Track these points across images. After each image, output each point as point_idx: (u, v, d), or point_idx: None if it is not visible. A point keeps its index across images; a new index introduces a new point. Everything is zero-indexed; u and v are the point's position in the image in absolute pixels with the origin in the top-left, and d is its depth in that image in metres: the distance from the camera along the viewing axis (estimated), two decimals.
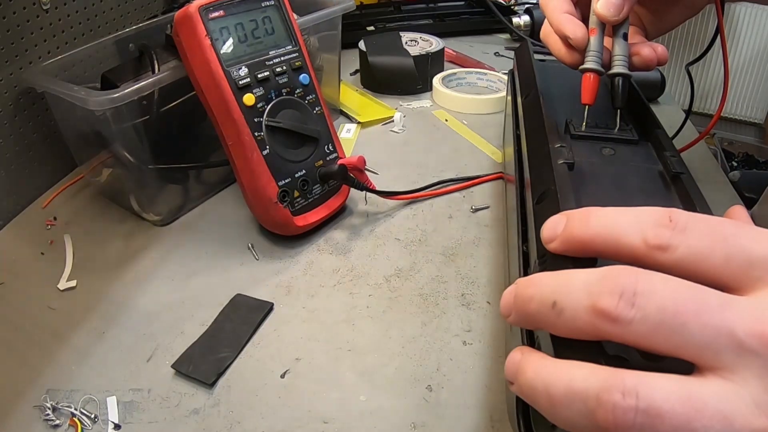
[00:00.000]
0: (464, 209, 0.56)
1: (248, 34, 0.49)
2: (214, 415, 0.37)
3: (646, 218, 0.22)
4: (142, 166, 0.52)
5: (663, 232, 0.21)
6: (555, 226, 0.25)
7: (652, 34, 0.46)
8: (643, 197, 0.33)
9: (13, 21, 0.53)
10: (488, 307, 0.45)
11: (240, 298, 0.46)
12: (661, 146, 0.37)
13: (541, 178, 0.35)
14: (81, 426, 0.36)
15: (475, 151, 0.66)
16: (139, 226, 0.55)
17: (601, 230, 0.23)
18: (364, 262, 0.50)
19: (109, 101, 0.46)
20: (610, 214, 0.23)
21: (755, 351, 0.19)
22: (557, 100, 0.45)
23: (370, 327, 0.43)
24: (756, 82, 2.17)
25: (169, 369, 0.40)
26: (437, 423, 0.36)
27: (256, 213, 0.52)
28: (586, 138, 0.39)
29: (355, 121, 0.73)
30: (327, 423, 0.36)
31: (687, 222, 0.21)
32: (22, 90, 0.55)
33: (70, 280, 0.48)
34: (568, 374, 0.21)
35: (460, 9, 1.01)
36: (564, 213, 0.25)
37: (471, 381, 0.39)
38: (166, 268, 0.50)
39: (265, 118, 0.48)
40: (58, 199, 0.59)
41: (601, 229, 0.23)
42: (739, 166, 1.99)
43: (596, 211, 0.24)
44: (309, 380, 0.39)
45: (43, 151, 0.59)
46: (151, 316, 0.45)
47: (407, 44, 0.83)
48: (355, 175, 0.52)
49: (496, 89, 0.80)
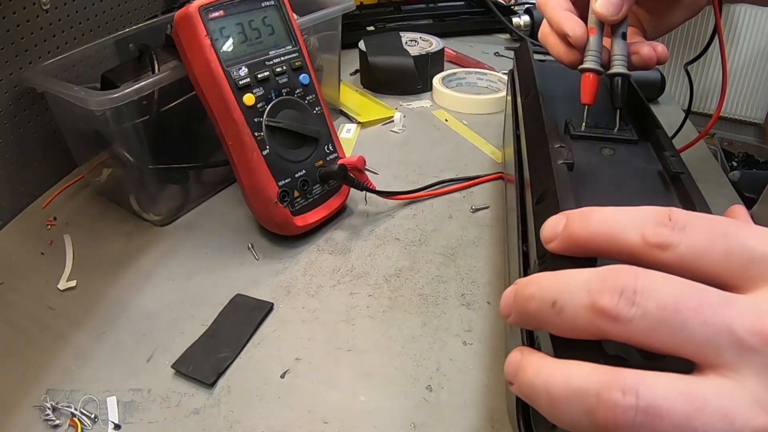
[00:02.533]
0: (464, 209, 0.56)
1: (248, 34, 0.49)
2: (214, 415, 0.37)
3: (645, 217, 0.22)
4: (142, 166, 0.52)
5: (662, 230, 0.21)
6: (555, 226, 0.25)
7: (651, 34, 0.46)
8: (642, 197, 0.33)
9: (13, 21, 0.53)
10: (488, 307, 0.45)
11: (240, 298, 0.46)
12: (661, 146, 0.37)
13: (540, 178, 0.35)
14: (81, 426, 0.36)
15: (475, 151, 0.66)
16: (139, 226, 0.55)
17: (601, 229, 0.23)
18: (364, 262, 0.50)
19: (109, 101, 0.46)
20: (609, 213, 0.23)
21: (755, 349, 0.19)
22: (557, 100, 0.45)
23: (370, 327, 0.43)
24: (756, 82, 2.17)
25: (169, 369, 0.40)
26: (437, 423, 0.36)
27: (256, 213, 0.52)
28: (586, 138, 0.39)
29: (355, 121, 0.73)
30: (327, 423, 0.36)
31: (686, 220, 0.21)
32: (22, 90, 0.55)
33: (70, 280, 0.48)
34: (568, 373, 0.21)
35: (460, 9, 1.01)
36: (564, 213, 0.25)
37: (471, 381, 0.39)
38: (166, 268, 0.50)
39: (265, 118, 0.48)
40: (58, 199, 0.59)
41: (600, 228, 0.23)
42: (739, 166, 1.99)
43: (596, 210, 0.24)
44: (309, 380, 0.39)
45: (43, 151, 0.59)
46: (151, 316, 0.45)
47: (407, 44, 0.83)
48: (355, 175, 0.52)
49: (496, 89, 0.80)
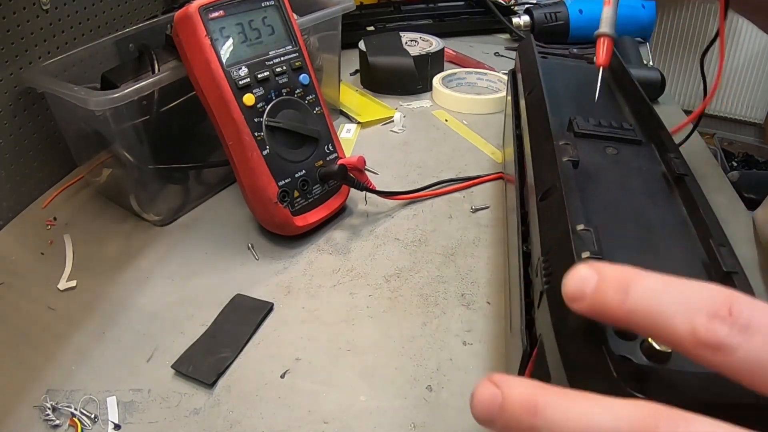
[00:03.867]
0: (464, 209, 0.56)
1: (248, 34, 0.49)
2: (214, 415, 0.37)
3: (699, 302, 0.18)
4: (142, 166, 0.52)
5: (719, 327, 0.17)
6: (582, 283, 0.20)
7: None
8: (646, 197, 0.33)
9: (13, 21, 0.53)
10: (488, 307, 0.45)
11: (240, 298, 0.46)
12: (665, 147, 0.37)
13: (545, 175, 0.35)
14: (81, 426, 0.36)
15: (475, 151, 0.66)
16: (139, 226, 0.55)
17: (642, 308, 0.19)
18: (364, 262, 0.50)
19: (109, 101, 0.46)
20: (654, 288, 0.19)
21: None
22: (560, 97, 0.45)
23: (370, 327, 0.43)
24: (756, 82, 2.17)
25: (169, 369, 0.40)
26: (437, 423, 0.36)
27: (256, 213, 0.52)
28: (590, 136, 0.39)
29: (355, 121, 0.73)
30: (327, 423, 0.36)
31: (751, 316, 0.17)
32: (22, 90, 0.55)
33: (70, 280, 0.48)
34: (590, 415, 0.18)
35: (460, 9, 1.01)
36: (595, 267, 0.20)
37: (471, 381, 0.39)
38: (166, 268, 0.50)
39: (265, 118, 0.48)
40: (58, 199, 0.59)
41: (641, 306, 0.19)
42: (739, 166, 1.99)
43: (637, 280, 0.19)
44: (309, 380, 0.39)
45: (43, 151, 0.59)
46: (151, 316, 0.45)
47: (407, 44, 0.83)
48: (355, 175, 0.52)
49: (496, 89, 0.80)
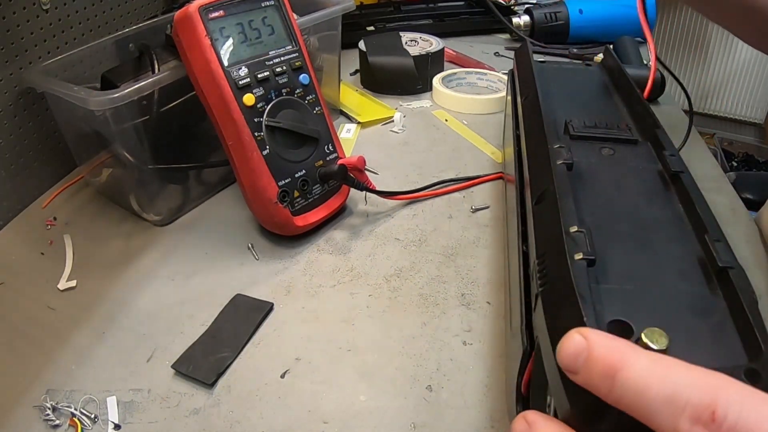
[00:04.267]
0: (464, 209, 0.56)
1: (248, 34, 0.49)
2: (214, 415, 0.37)
3: (683, 400, 0.18)
4: (142, 166, 0.52)
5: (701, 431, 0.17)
6: (575, 357, 0.20)
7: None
8: (642, 196, 0.33)
9: (13, 21, 0.53)
10: (488, 307, 0.45)
11: (240, 298, 0.46)
12: (661, 145, 0.37)
13: (539, 178, 0.35)
14: (81, 426, 0.36)
15: (475, 151, 0.66)
16: (139, 226, 0.55)
17: (628, 400, 0.19)
18: (364, 262, 0.50)
19: (109, 101, 0.46)
20: (639, 378, 0.19)
21: None
22: (556, 100, 0.45)
23: (370, 327, 0.43)
24: (756, 82, 2.17)
25: (169, 369, 0.40)
26: (437, 423, 0.36)
27: (256, 213, 0.52)
28: (586, 138, 0.39)
29: (355, 121, 0.73)
30: (327, 423, 0.36)
31: (737, 420, 0.17)
32: (22, 90, 0.55)
33: (70, 280, 0.48)
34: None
35: (460, 9, 1.01)
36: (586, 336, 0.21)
37: (471, 381, 0.39)
38: (166, 268, 0.50)
39: (265, 118, 0.48)
40: (58, 199, 0.59)
41: (627, 397, 0.19)
42: (739, 166, 1.99)
43: (624, 365, 0.19)
44: (309, 380, 0.39)
45: (43, 151, 0.59)
46: (151, 316, 0.45)
47: (407, 44, 0.83)
48: (355, 175, 0.52)
49: (496, 89, 0.80)
